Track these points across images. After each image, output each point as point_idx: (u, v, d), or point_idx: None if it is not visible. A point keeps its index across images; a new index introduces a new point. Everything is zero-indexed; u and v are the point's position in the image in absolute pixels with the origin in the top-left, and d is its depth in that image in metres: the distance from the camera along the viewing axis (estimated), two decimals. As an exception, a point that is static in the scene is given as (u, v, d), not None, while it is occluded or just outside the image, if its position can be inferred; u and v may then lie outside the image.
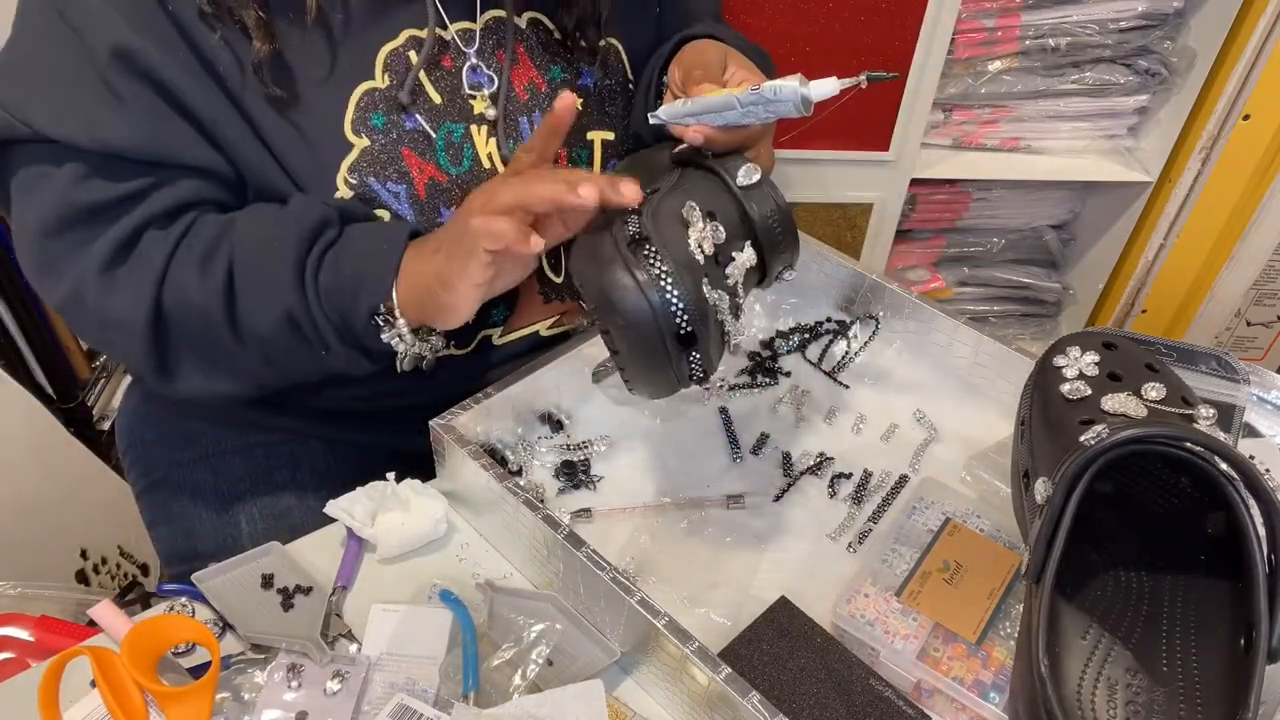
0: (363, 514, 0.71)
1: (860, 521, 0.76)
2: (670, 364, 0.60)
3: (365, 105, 0.71)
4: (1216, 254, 1.61)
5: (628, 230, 0.60)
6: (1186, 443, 0.54)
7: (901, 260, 1.72)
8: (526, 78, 0.78)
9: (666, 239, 0.60)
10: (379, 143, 0.72)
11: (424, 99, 0.73)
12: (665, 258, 0.58)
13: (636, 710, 0.62)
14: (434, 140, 0.73)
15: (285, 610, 0.65)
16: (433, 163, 0.74)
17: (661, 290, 0.57)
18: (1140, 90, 1.51)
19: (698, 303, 0.58)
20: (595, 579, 0.61)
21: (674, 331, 0.58)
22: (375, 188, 0.72)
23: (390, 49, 0.72)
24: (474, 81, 0.76)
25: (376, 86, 0.71)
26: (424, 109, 0.73)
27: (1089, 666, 0.57)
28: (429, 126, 0.73)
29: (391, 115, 0.72)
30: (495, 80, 0.76)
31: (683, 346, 0.59)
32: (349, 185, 0.71)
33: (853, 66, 1.38)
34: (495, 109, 0.76)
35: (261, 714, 0.60)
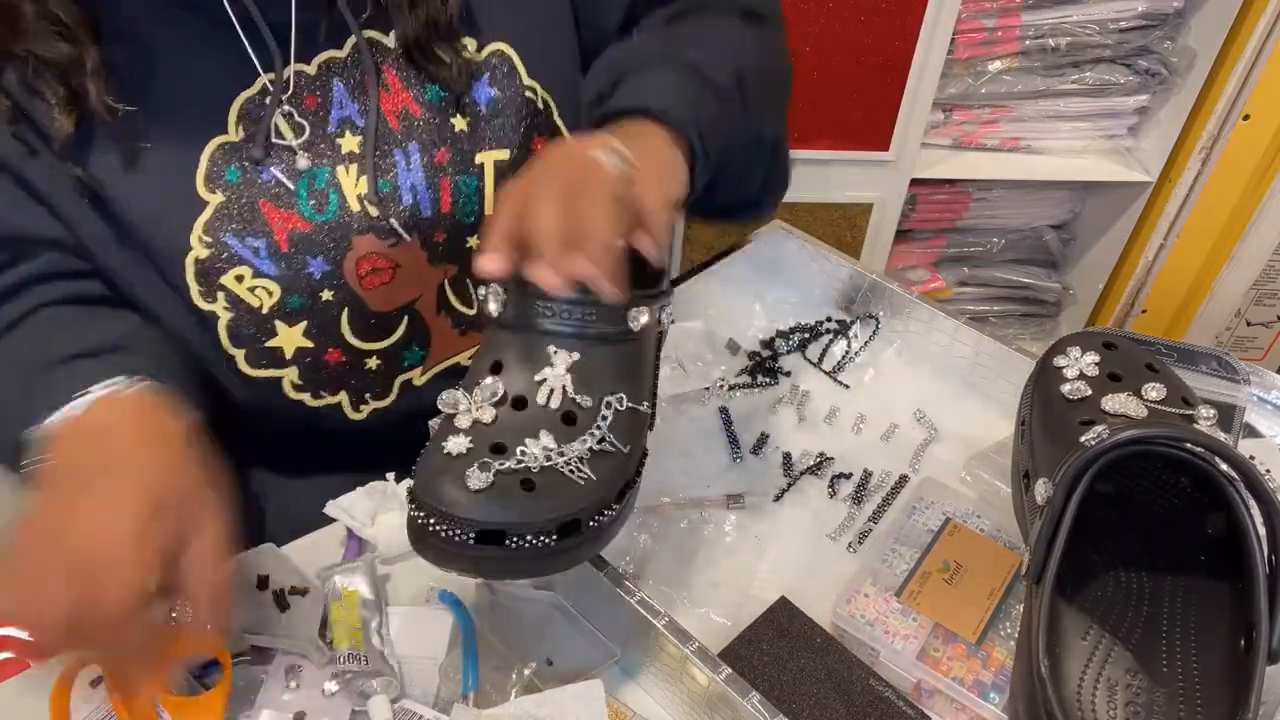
0: (363, 514, 0.71)
1: (860, 521, 0.76)
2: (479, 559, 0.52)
3: (218, 159, 0.67)
4: (1216, 254, 1.61)
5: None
6: (1186, 443, 0.54)
7: (901, 260, 1.72)
8: (399, 104, 0.72)
9: (430, 445, 0.54)
10: (234, 197, 0.68)
11: (280, 146, 0.69)
12: (411, 474, 0.53)
13: (636, 710, 0.62)
14: (294, 190, 0.69)
15: (282, 611, 0.65)
16: (295, 212, 0.69)
17: (420, 518, 0.51)
18: (1140, 90, 1.51)
19: (438, 494, 0.51)
20: (595, 579, 0.61)
21: (441, 540, 0.51)
22: (233, 244, 0.68)
23: (245, 98, 0.68)
24: (342, 117, 0.70)
25: (230, 140, 0.67)
26: (281, 157, 0.69)
27: (1089, 667, 0.57)
28: (288, 177, 0.69)
29: (247, 168, 0.68)
30: (363, 114, 0.71)
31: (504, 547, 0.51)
32: (204, 244, 0.67)
33: (853, 66, 1.38)
34: (363, 143, 0.70)
35: (260, 714, 0.59)
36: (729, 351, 0.91)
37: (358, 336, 0.74)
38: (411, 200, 0.72)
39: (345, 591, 0.64)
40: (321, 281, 0.71)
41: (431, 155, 0.72)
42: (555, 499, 0.53)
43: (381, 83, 0.71)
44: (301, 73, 0.69)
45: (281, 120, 0.69)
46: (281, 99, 0.68)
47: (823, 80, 1.39)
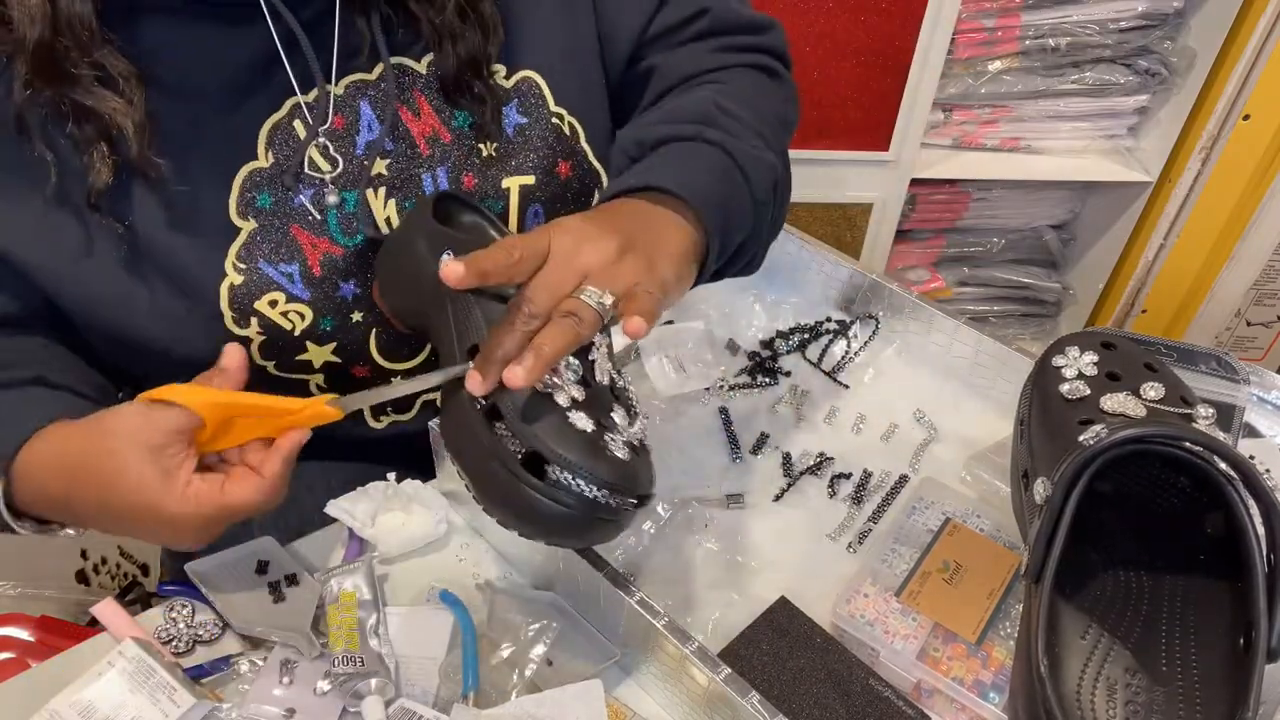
0: (363, 514, 0.71)
1: (860, 521, 0.76)
2: (618, 523, 0.56)
3: (250, 187, 0.67)
4: (1216, 254, 1.61)
5: (510, 448, 0.54)
6: (1185, 442, 0.54)
7: (901, 260, 1.72)
8: (428, 128, 0.72)
9: (543, 428, 0.53)
10: (267, 224, 0.68)
11: (310, 171, 0.69)
12: (564, 461, 0.52)
13: (636, 710, 0.62)
14: (325, 215, 0.70)
15: (275, 602, 0.65)
16: (325, 237, 0.70)
17: (575, 493, 0.53)
18: (1140, 90, 1.51)
19: (606, 469, 0.53)
20: (595, 579, 0.61)
21: (600, 512, 0.54)
22: (266, 270, 0.68)
23: (274, 123, 0.67)
24: (370, 140, 0.70)
25: (260, 167, 0.67)
26: (311, 182, 0.69)
27: (1089, 666, 0.58)
28: (317, 203, 0.69)
29: (278, 194, 0.68)
30: (392, 138, 0.71)
31: (613, 512, 0.55)
32: (238, 270, 0.67)
33: (853, 66, 1.38)
34: (391, 167, 0.71)
35: (249, 707, 0.60)
36: (729, 351, 0.91)
37: (384, 356, 0.75)
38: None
39: (343, 593, 0.64)
40: (353, 304, 0.72)
41: (459, 180, 0.73)
42: (649, 465, 0.58)
43: (411, 106, 0.71)
44: (328, 93, 0.69)
45: (313, 148, 0.69)
46: (319, 131, 0.68)
47: (823, 80, 1.39)
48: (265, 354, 0.71)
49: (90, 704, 0.58)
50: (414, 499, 0.72)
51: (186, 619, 0.65)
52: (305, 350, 0.72)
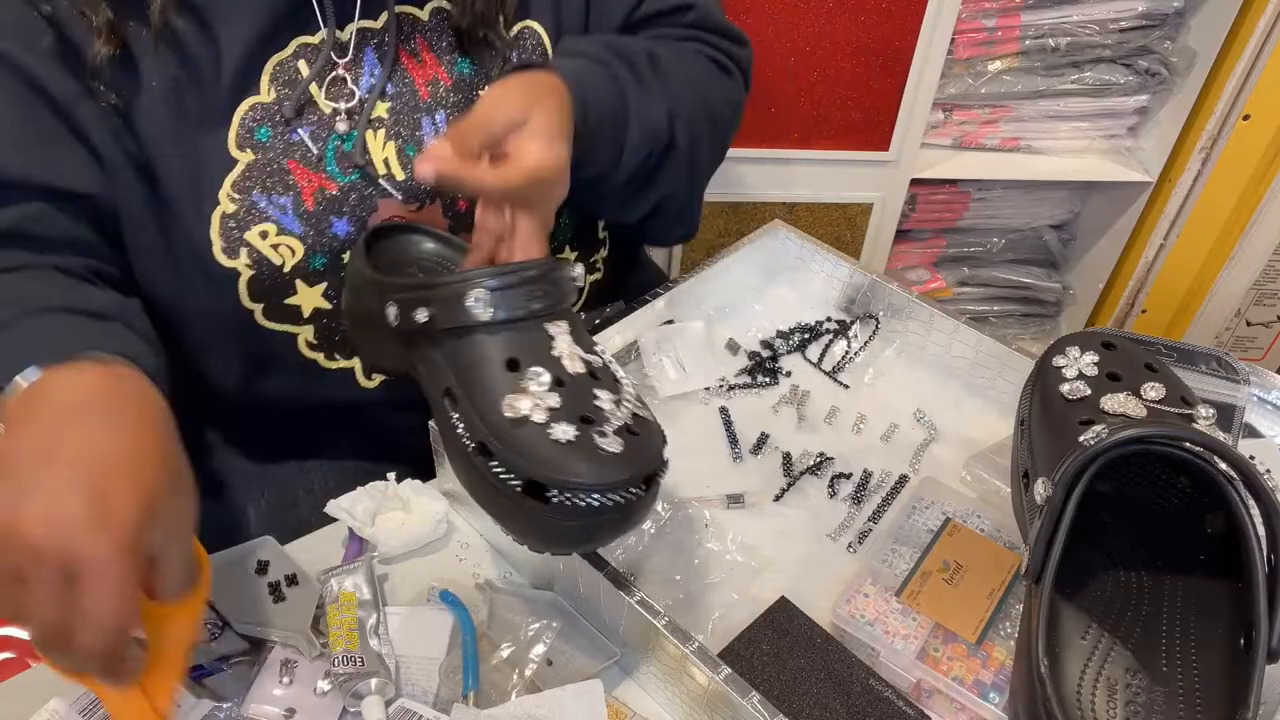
0: (363, 514, 0.71)
1: (860, 521, 0.76)
2: (634, 509, 0.55)
3: (250, 120, 0.68)
4: (1216, 254, 1.61)
5: (509, 483, 0.54)
6: (1186, 443, 0.54)
7: (901, 260, 1.72)
8: (429, 74, 0.74)
9: (530, 454, 0.53)
10: (264, 156, 0.69)
11: (310, 109, 0.70)
12: (557, 483, 0.52)
13: (636, 710, 0.62)
14: (324, 151, 0.71)
15: (275, 602, 0.65)
16: (321, 173, 0.71)
17: (579, 508, 0.52)
18: (1140, 90, 1.51)
19: (600, 472, 0.52)
20: (595, 579, 0.61)
21: (608, 514, 0.54)
22: (259, 201, 0.69)
23: (278, 60, 0.69)
24: (372, 84, 0.72)
25: (262, 101, 0.68)
26: (310, 120, 0.70)
27: (1089, 666, 0.58)
28: (316, 139, 0.70)
29: (278, 128, 0.69)
30: (394, 82, 0.72)
31: (630, 504, 0.54)
32: (232, 200, 0.68)
33: (853, 66, 1.38)
34: (392, 110, 0.72)
35: (249, 708, 0.60)
36: (729, 351, 0.91)
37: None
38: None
39: (343, 593, 0.64)
40: (345, 242, 0.72)
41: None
42: (652, 436, 0.57)
43: (413, 52, 0.73)
44: (335, 37, 0.70)
45: (314, 86, 0.70)
46: (332, 56, 0.69)
47: (823, 80, 1.39)
48: (253, 293, 0.71)
49: (91, 703, 0.58)
50: (414, 499, 0.72)
51: (186, 618, 0.65)
52: (295, 291, 0.72)
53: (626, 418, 0.56)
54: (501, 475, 0.54)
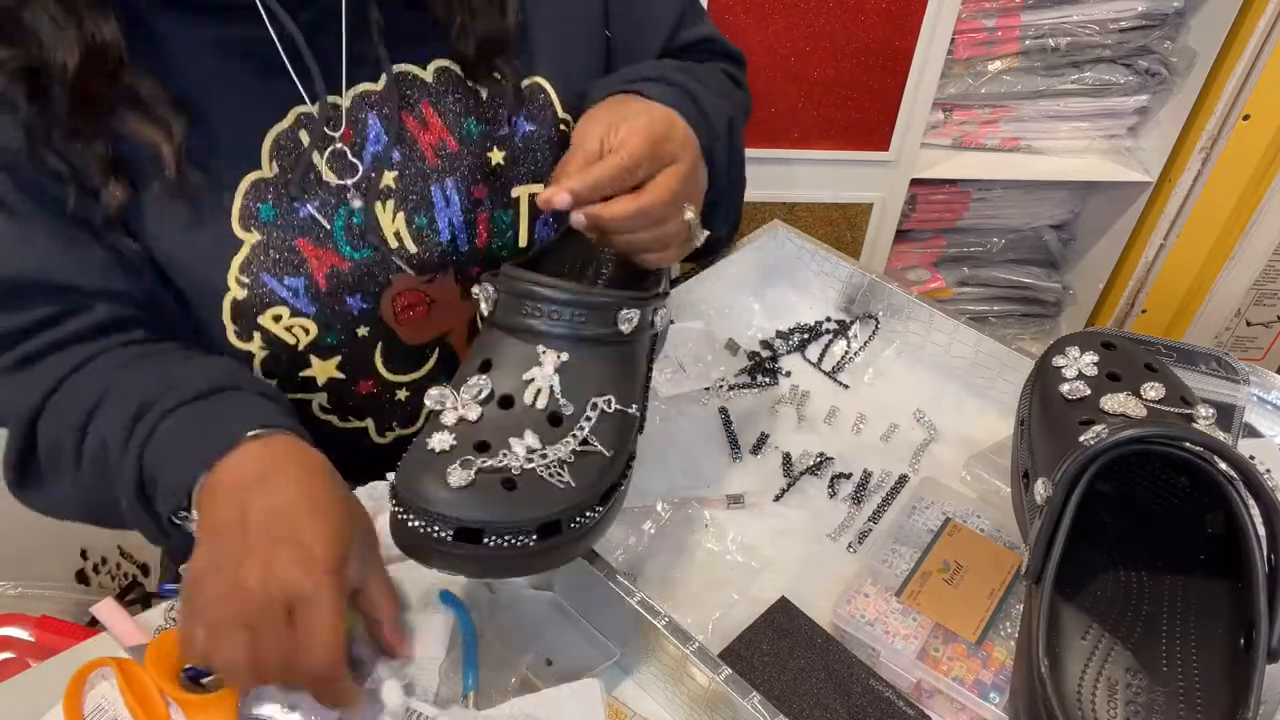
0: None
1: (860, 521, 0.76)
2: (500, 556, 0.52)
3: (253, 197, 0.65)
4: (1216, 254, 1.61)
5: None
6: (1186, 442, 0.54)
7: (901, 260, 1.72)
8: (435, 139, 0.71)
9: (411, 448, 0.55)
10: (271, 236, 0.66)
11: (315, 182, 0.67)
12: (401, 496, 0.53)
13: (636, 710, 0.62)
14: (332, 225, 0.68)
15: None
16: (332, 250, 0.68)
17: (417, 531, 0.52)
18: (1140, 90, 1.51)
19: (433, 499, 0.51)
20: (595, 579, 0.61)
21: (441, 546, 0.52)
22: (270, 284, 0.67)
23: (278, 132, 0.66)
24: (376, 153, 0.69)
25: (264, 177, 0.66)
26: (316, 193, 0.67)
27: (1089, 666, 0.57)
28: (324, 214, 0.68)
29: (283, 205, 0.66)
30: (400, 150, 0.70)
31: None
32: (241, 284, 0.66)
33: (853, 66, 1.38)
34: (399, 179, 0.70)
35: (253, 706, 0.60)
36: (729, 351, 0.91)
37: (390, 369, 0.75)
38: (449, 236, 0.72)
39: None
40: (359, 319, 0.71)
41: (469, 190, 0.72)
42: (535, 500, 0.53)
43: (418, 117, 0.70)
44: (335, 105, 0.68)
45: (316, 154, 0.67)
46: (325, 130, 0.66)
47: (823, 80, 1.39)
48: (267, 370, 0.70)
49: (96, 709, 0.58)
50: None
51: (186, 619, 0.65)
52: (309, 365, 0.71)
53: (525, 466, 0.54)
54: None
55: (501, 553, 0.52)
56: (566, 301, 0.57)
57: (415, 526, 0.52)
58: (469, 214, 0.73)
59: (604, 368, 0.58)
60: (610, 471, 0.57)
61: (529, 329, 0.57)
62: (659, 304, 0.62)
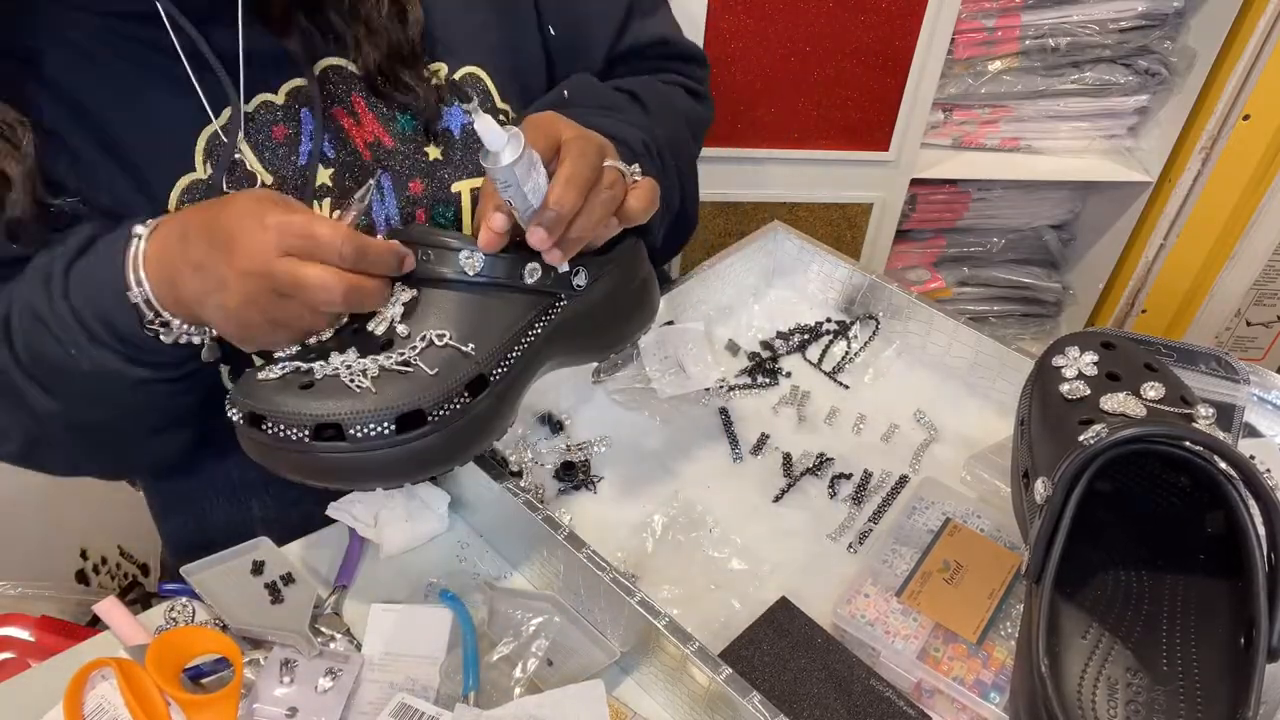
0: (364, 514, 0.71)
1: (860, 522, 0.76)
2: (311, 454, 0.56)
3: (188, 199, 0.65)
4: (1216, 254, 1.61)
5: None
6: (1185, 442, 0.54)
7: (901, 260, 1.72)
8: (369, 134, 0.70)
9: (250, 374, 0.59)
10: None
11: (248, 181, 0.67)
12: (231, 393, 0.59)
13: (636, 710, 0.62)
14: None
15: (274, 603, 0.65)
16: None
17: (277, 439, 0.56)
18: (1140, 90, 1.51)
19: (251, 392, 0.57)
20: (595, 579, 0.61)
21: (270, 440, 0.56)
22: None
23: (211, 132, 0.65)
24: (311, 149, 0.68)
25: (199, 179, 0.65)
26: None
27: (1089, 666, 0.57)
28: None
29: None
30: (335, 147, 0.69)
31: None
32: None
33: (853, 66, 1.38)
34: (335, 176, 0.69)
35: (252, 708, 0.60)
36: (729, 351, 0.91)
37: None
38: (387, 233, 0.71)
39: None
40: None
41: (405, 186, 0.71)
42: (322, 400, 0.56)
43: (350, 111, 0.70)
44: (269, 102, 0.67)
45: (250, 153, 0.67)
46: (238, 134, 0.66)
47: (823, 80, 1.39)
48: (209, 371, 0.69)
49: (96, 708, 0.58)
50: (415, 496, 0.72)
51: (187, 619, 0.66)
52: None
53: (328, 373, 0.57)
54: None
55: (279, 443, 0.56)
56: (417, 241, 0.60)
57: (231, 415, 0.57)
58: (406, 210, 0.72)
59: (452, 309, 0.60)
60: (422, 396, 0.57)
61: (407, 275, 0.60)
62: (529, 259, 0.61)
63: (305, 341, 0.59)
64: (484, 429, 0.61)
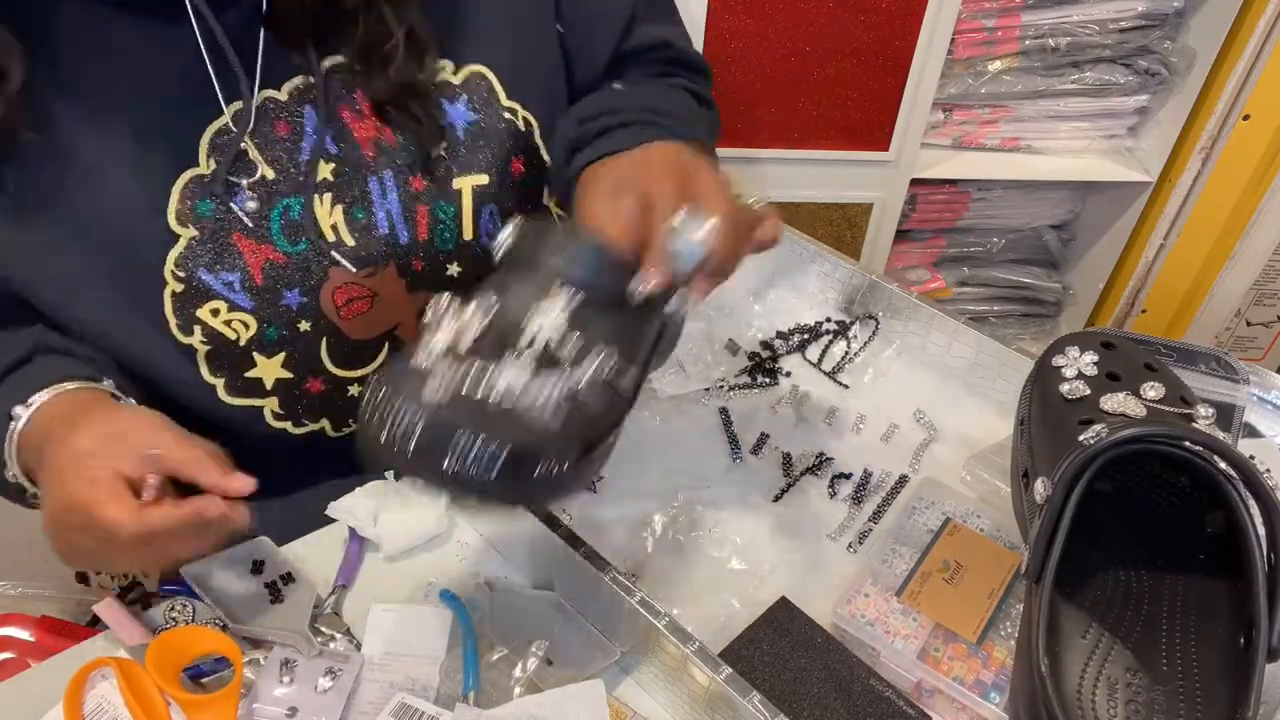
0: (364, 514, 0.71)
1: (860, 521, 0.76)
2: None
3: (191, 194, 0.66)
4: (1216, 254, 1.61)
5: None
6: (1185, 442, 0.54)
7: (901, 260, 1.72)
8: (372, 131, 0.70)
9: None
10: (208, 230, 0.66)
11: (253, 176, 0.67)
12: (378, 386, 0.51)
13: (636, 710, 0.62)
14: (268, 220, 0.68)
15: (273, 603, 0.65)
16: (269, 244, 0.68)
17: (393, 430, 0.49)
18: (1140, 90, 1.51)
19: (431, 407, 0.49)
20: (595, 579, 0.61)
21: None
22: (206, 279, 0.67)
23: (216, 128, 0.66)
24: (314, 145, 0.69)
25: (202, 173, 0.66)
26: (256, 188, 0.67)
27: (1089, 666, 0.57)
28: (261, 208, 0.68)
29: (219, 200, 0.66)
30: (337, 143, 0.69)
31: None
32: (177, 279, 0.66)
33: (853, 66, 1.38)
34: (336, 172, 0.69)
35: (252, 708, 0.60)
36: (729, 351, 0.91)
37: (338, 365, 0.74)
38: (388, 228, 0.71)
39: None
40: (299, 313, 0.70)
41: (407, 182, 0.71)
42: (508, 428, 0.50)
43: (354, 109, 0.70)
44: (272, 99, 0.68)
45: (254, 149, 0.67)
46: (245, 131, 0.66)
47: (823, 80, 1.39)
48: (213, 368, 0.70)
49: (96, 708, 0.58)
50: (415, 496, 0.72)
51: (187, 619, 0.66)
52: (254, 364, 0.71)
53: (503, 395, 0.51)
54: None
55: (462, 476, 0.50)
56: (589, 244, 0.55)
57: (378, 436, 0.50)
58: (408, 206, 0.72)
59: (614, 323, 0.56)
60: (592, 428, 0.54)
61: (547, 267, 0.55)
62: (679, 293, 0.61)
63: (461, 331, 0.53)
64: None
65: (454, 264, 0.75)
